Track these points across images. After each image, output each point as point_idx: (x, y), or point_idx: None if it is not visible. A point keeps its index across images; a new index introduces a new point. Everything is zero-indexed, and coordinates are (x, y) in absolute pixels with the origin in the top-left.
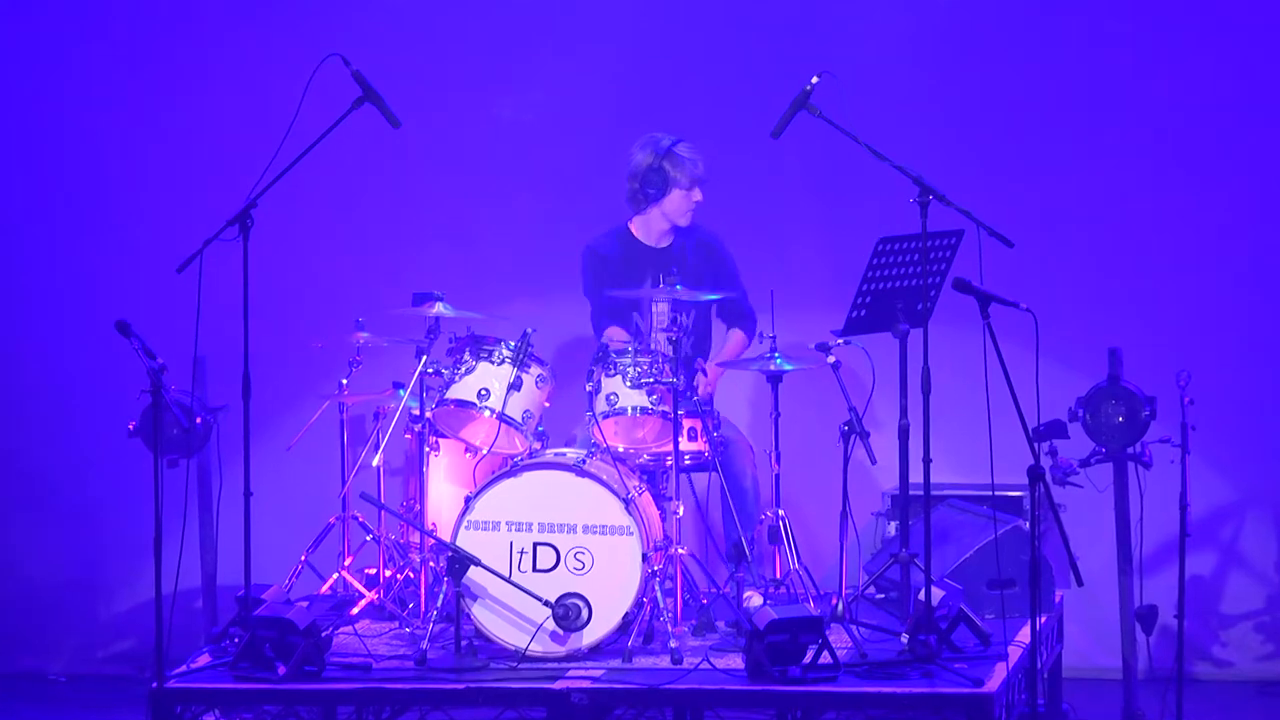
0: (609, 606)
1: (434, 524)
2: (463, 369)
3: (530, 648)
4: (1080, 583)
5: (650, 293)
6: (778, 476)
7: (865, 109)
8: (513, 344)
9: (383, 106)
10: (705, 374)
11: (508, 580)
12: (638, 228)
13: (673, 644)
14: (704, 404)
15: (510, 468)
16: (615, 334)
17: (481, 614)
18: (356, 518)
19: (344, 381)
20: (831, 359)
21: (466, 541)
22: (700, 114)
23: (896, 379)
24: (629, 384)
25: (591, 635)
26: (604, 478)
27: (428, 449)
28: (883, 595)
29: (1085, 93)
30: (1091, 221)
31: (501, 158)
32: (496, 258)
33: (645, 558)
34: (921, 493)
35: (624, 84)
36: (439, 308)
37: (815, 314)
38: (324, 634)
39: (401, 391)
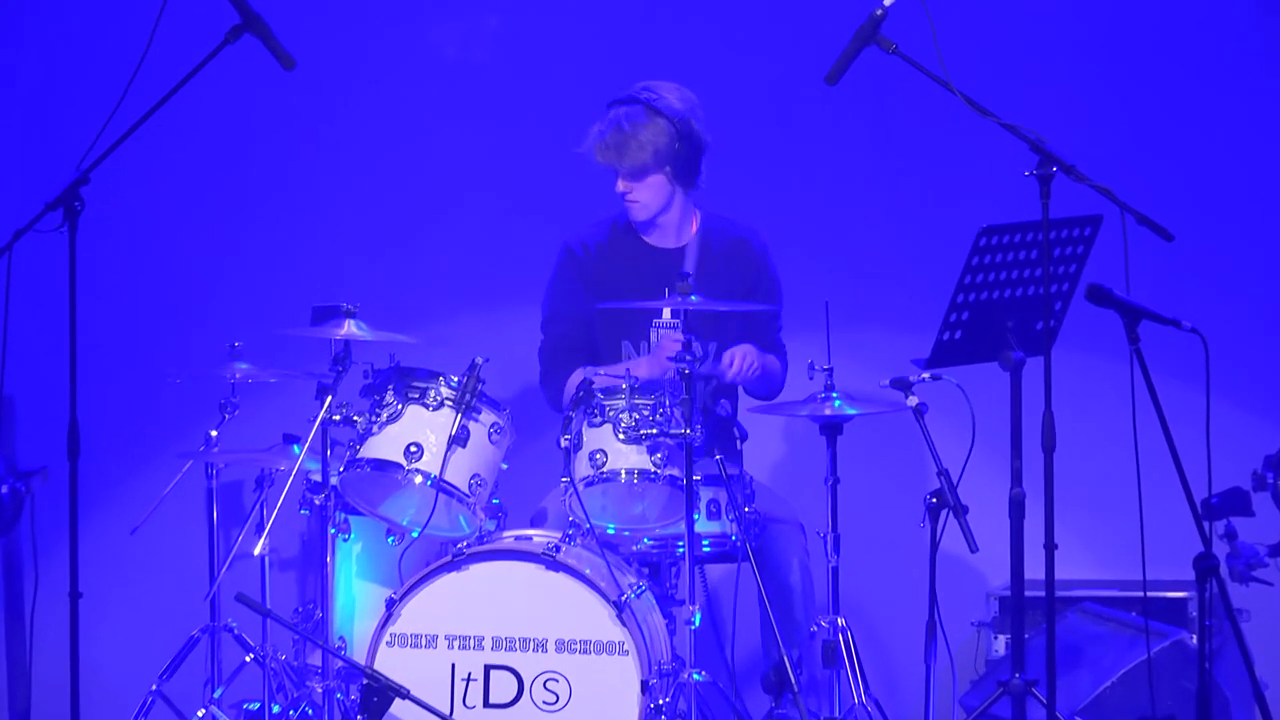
0: None
1: (342, 639)
2: (384, 415)
3: None
4: None
5: (655, 304)
6: (835, 570)
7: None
8: (455, 380)
9: (270, 39)
10: (733, 357)
11: None
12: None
13: None
14: (725, 444)
15: (452, 557)
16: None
17: None
18: (231, 629)
19: (213, 434)
20: (913, 401)
21: (389, 663)
22: (719, 54)
23: (1006, 430)
24: (622, 437)
25: None
26: (586, 572)
27: (334, 530)
28: None
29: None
30: None
31: (443, 113)
32: (434, 257)
33: (646, 687)
34: (1043, 594)
35: (617, 9)
36: (350, 327)
37: (887, 336)
38: None
39: (296, 448)
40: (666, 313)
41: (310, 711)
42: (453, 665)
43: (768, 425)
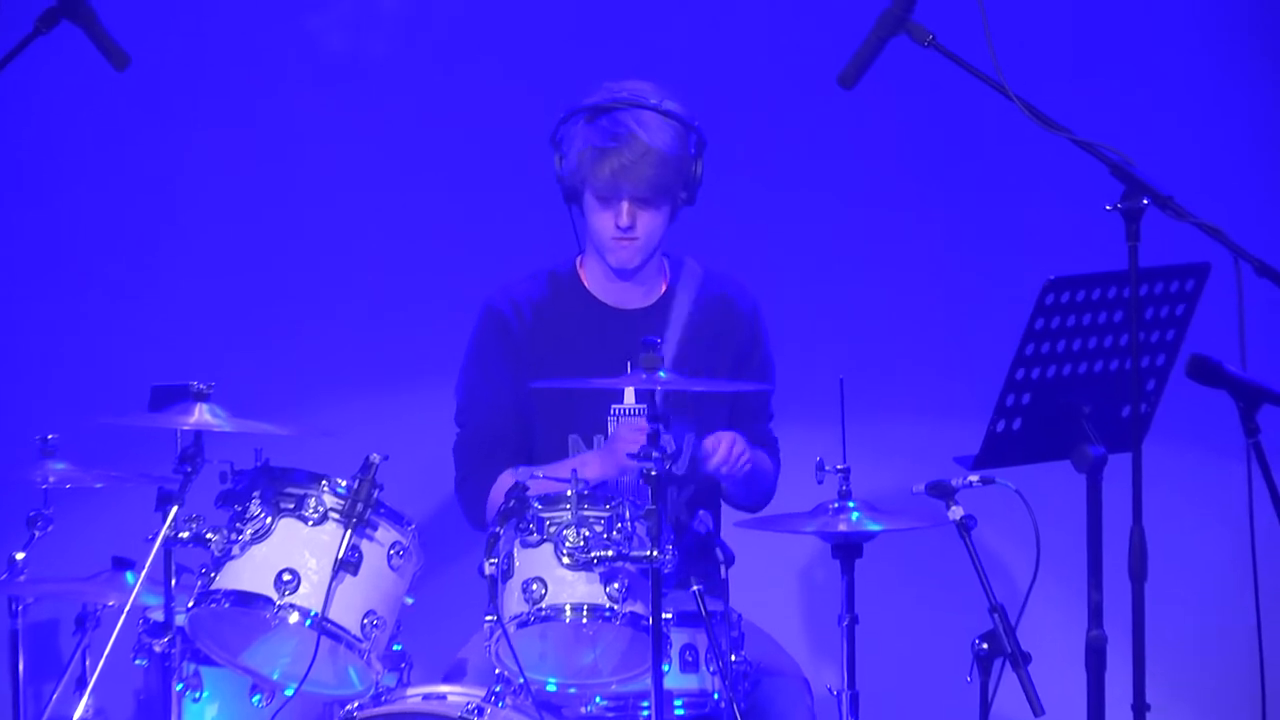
0: None
1: None
2: (248, 532)
3: None
4: None
5: (613, 383)
6: None
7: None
8: (344, 485)
9: (95, 28)
10: (719, 443)
11: None
12: (591, 272)
13: None
14: (707, 574)
15: None
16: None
17: None
18: None
19: (18, 557)
20: (957, 513)
21: None
22: (696, 55)
23: (1079, 551)
24: (567, 561)
25: None
26: None
27: (180, 686)
28: None
29: None
30: None
31: (324, 126)
32: (314, 322)
33: None
34: None
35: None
36: (203, 414)
37: (917, 426)
38: None
39: (130, 576)
40: (629, 395)
41: None
42: None
43: (761, 545)
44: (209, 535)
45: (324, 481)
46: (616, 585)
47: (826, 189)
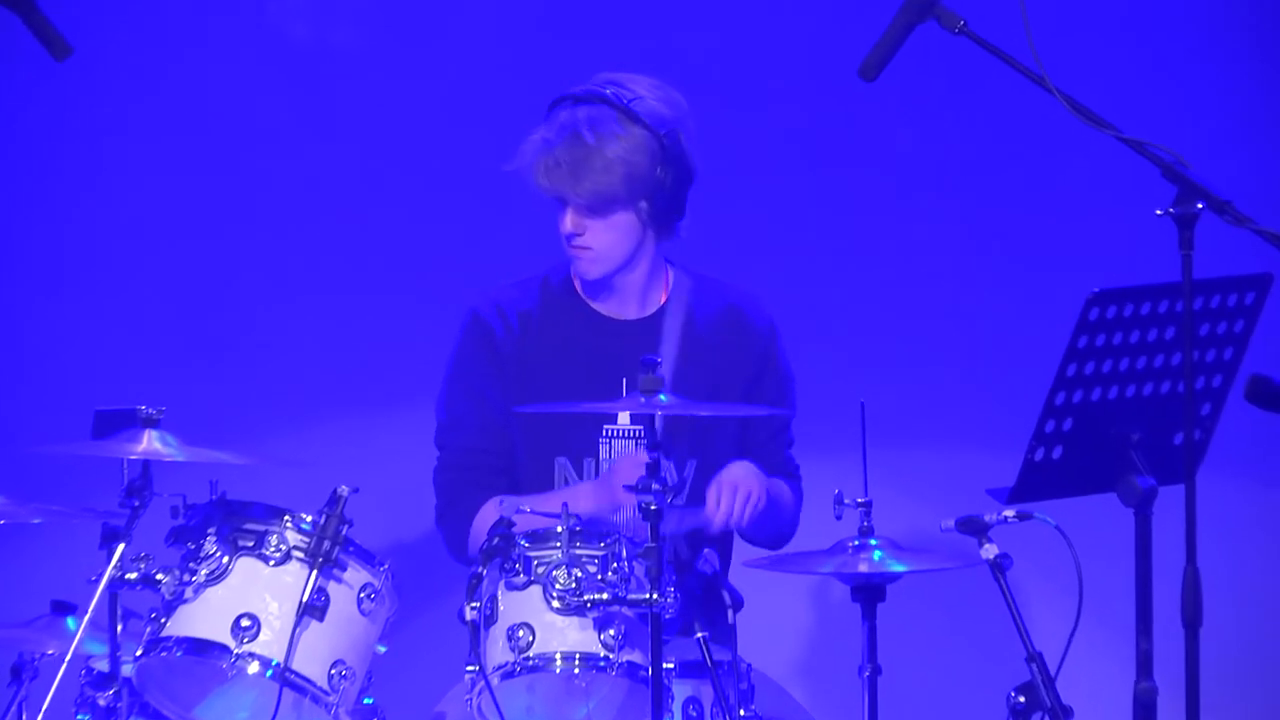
0: None
1: None
2: (203, 573)
3: None
4: None
5: (608, 407)
6: None
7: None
8: (309, 520)
9: (36, 19)
10: (720, 494)
11: None
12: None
13: None
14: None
15: None
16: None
17: None
18: None
19: None
20: (990, 552)
21: None
22: (709, 53)
23: (1125, 593)
24: (557, 605)
25: None
26: None
27: None
28: None
29: None
30: None
31: (290, 120)
32: (276, 338)
33: None
34: None
35: None
36: (152, 442)
37: (944, 454)
38: None
39: (71, 622)
40: (624, 418)
41: None
42: None
43: (773, 586)
44: (159, 576)
45: (287, 517)
46: (612, 632)
47: (845, 195)
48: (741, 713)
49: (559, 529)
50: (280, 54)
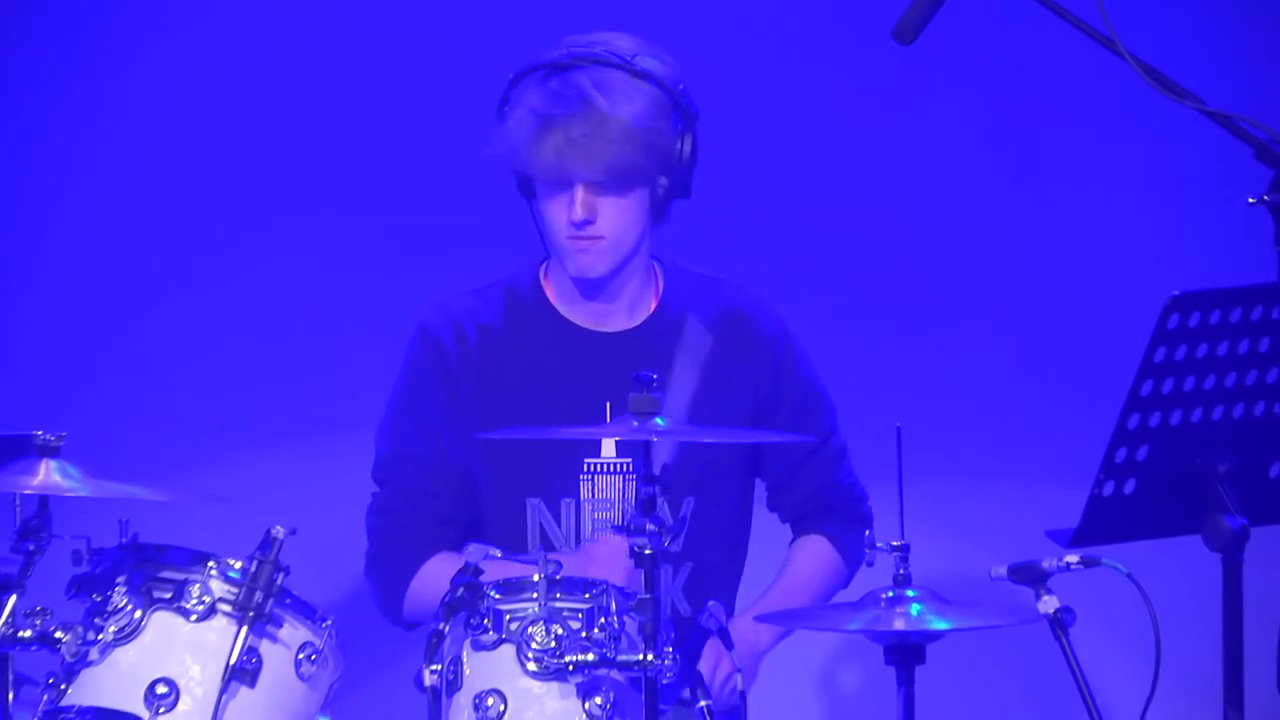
0: None
1: None
2: (111, 630)
3: None
4: None
5: (589, 433)
6: None
7: None
8: (237, 567)
9: None
10: (728, 639)
11: None
12: (558, 283)
13: None
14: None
15: None
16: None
17: None
18: None
19: None
20: (1050, 604)
21: None
22: (730, 41)
23: (1210, 653)
24: (534, 668)
25: None
26: None
27: None
28: None
29: None
30: None
31: (217, 106)
32: (198, 353)
33: None
34: None
35: None
36: (50, 473)
37: (997, 488)
38: None
39: None
40: (609, 448)
41: None
42: None
43: (791, 645)
44: (58, 634)
45: (211, 563)
46: (599, 700)
47: (876, 184)
48: None
49: (536, 577)
50: (191, 50)
